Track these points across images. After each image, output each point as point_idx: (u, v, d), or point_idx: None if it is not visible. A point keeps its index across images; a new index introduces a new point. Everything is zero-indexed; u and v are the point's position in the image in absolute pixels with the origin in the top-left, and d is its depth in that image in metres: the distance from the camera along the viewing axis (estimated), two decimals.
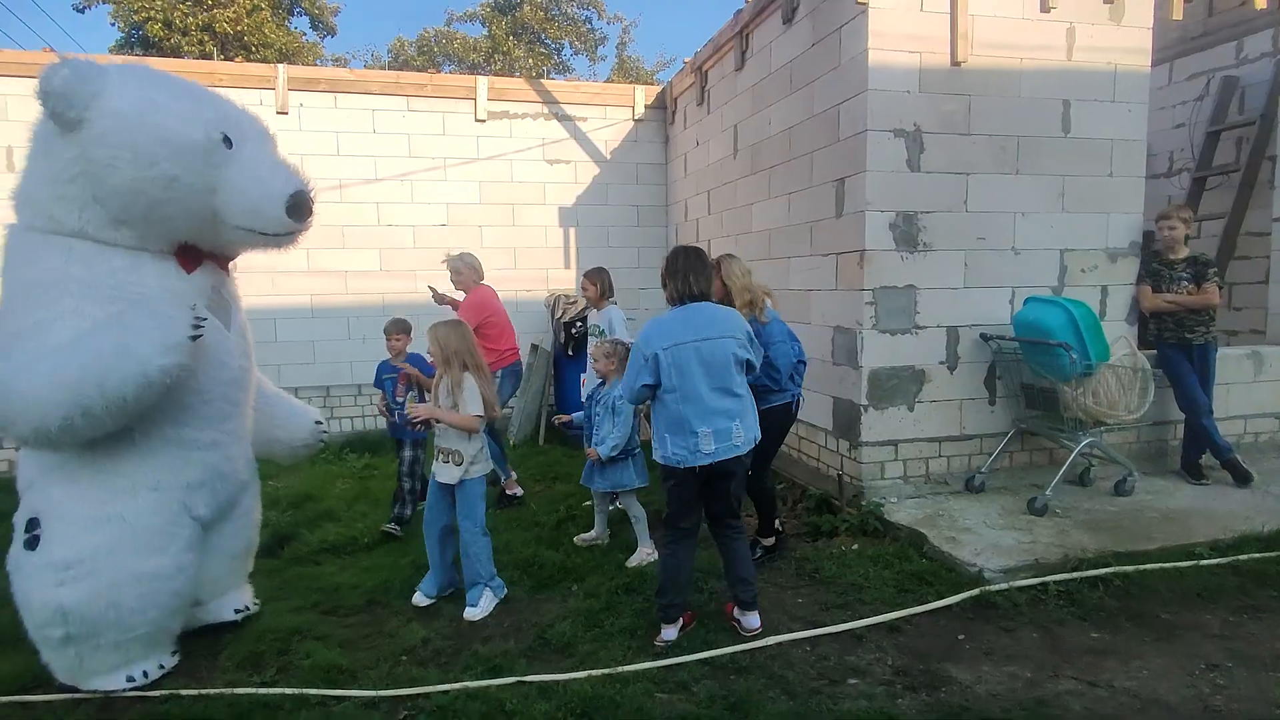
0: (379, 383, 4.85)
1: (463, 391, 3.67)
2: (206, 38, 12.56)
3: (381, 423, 5.84)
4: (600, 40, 19.45)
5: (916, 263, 4.50)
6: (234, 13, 12.64)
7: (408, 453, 4.83)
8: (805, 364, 3.95)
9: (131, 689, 3.08)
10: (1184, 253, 4.79)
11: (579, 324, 6.83)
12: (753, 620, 3.32)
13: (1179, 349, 4.74)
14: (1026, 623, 3.29)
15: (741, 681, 2.98)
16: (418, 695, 2.99)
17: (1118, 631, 3.21)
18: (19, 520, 3.09)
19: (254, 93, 7.14)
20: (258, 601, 3.80)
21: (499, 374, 5.20)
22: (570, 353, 6.96)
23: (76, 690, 3.07)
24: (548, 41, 18.48)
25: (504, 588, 3.86)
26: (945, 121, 4.46)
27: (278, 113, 7.21)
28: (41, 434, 2.77)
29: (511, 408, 7.25)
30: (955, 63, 4.42)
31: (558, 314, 7.20)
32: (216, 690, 3.08)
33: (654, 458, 3.32)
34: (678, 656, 3.16)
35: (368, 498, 5.66)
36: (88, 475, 3.01)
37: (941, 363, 4.61)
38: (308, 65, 12.57)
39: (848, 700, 2.80)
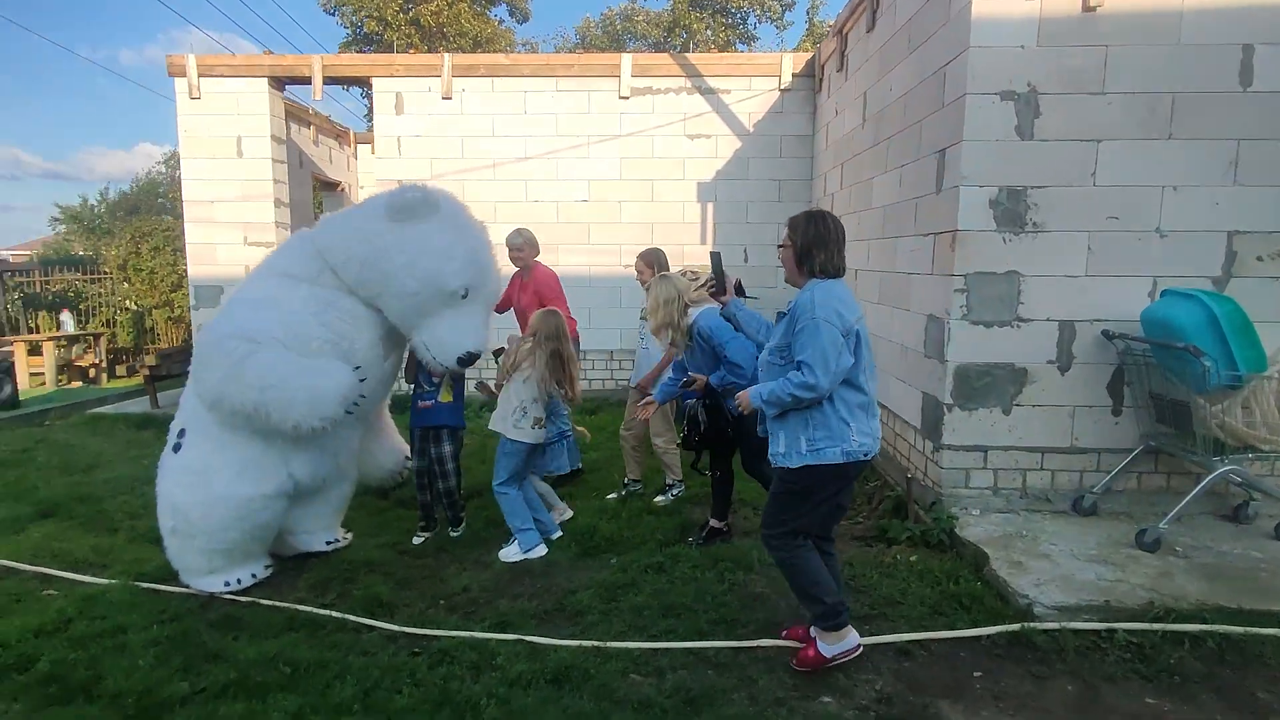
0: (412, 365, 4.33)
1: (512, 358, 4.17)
2: (413, 30, 14.11)
3: None
4: (788, 5, 18.62)
5: (1023, 245, 3.90)
6: (436, 7, 14.04)
7: (448, 447, 4.34)
8: None
9: (227, 592, 3.73)
10: None
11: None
12: (854, 637, 2.91)
13: None
14: (1065, 672, 2.81)
15: (714, 677, 2.89)
16: (430, 636, 3.29)
17: (1187, 701, 2.64)
18: (173, 428, 3.88)
19: (423, 80, 7.91)
20: (348, 536, 4.37)
21: None
22: None
23: (189, 588, 3.78)
24: (732, 11, 18.09)
25: (536, 545, 4.12)
26: (1070, 79, 3.78)
27: (443, 98, 7.92)
28: (214, 401, 3.60)
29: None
30: (1088, 8, 3.71)
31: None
32: (285, 604, 3.61)
33: (807, 459, 2.70)
34: (668, 642, 3.15)
35: (481, 454, 6.17)
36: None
37: (1050, 362, 3.98)
38: (499, 52, 13.59)
39: (807, 717, 2.62)
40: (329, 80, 8.02)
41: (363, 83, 8.12)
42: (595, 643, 3.15)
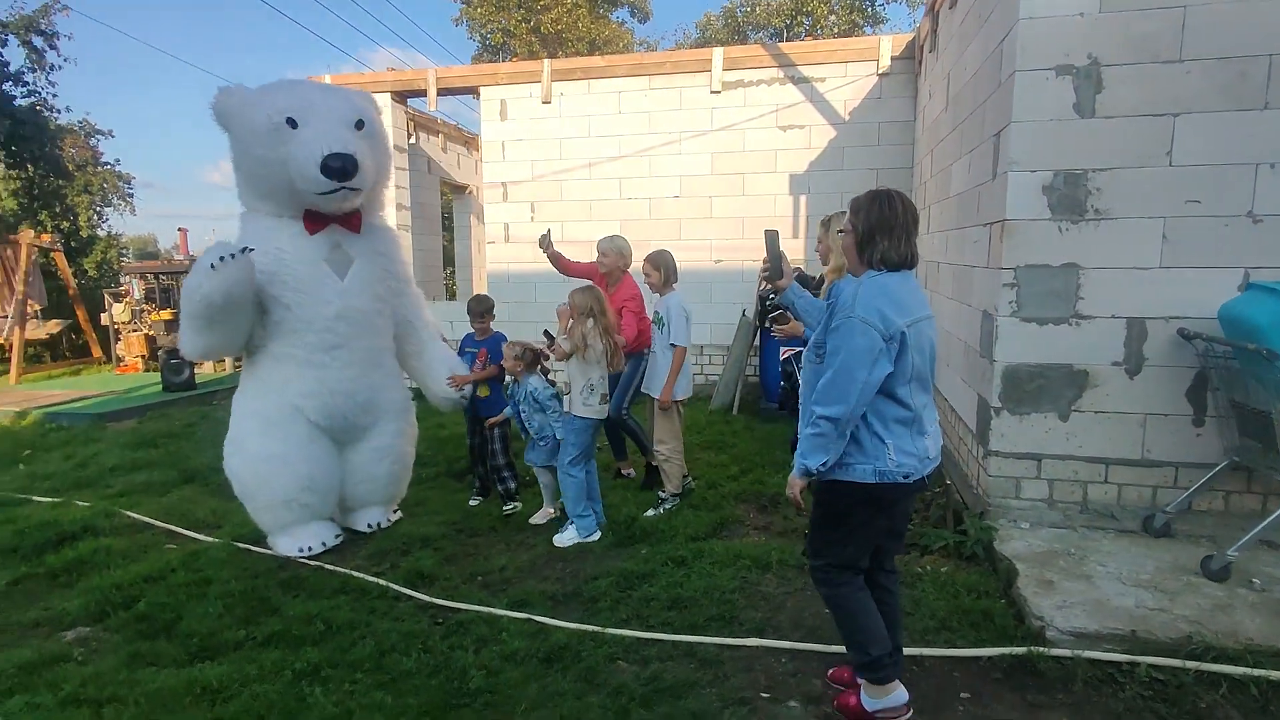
0: (461, 355, 4.92)
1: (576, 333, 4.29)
2: (534, 39, 14.76)
3: None
4: None
5: (1083, 235, 3.53)
6: (556, 14, 14.59)
7: (494, 430, 4.83)
8: None
9: (301, 556, 4.22)
10: None
11: (773, 295, 6.67)
12: (901, 695, 2.54)
13: None
14: (1066, 704, 2.56)
15: (693, 671, 2.92)
16: (453, 609, 3.56)
17: None
18: None
19: (524, 86, 8.32)
20: (391, 518, 4.69)
21: (645, 351, 5.05)
22: (766, 324, 6.85)
23: (272, 550, 4.30)
24: None
25: (593, 532, 4.29)
26: (1140, 47, 3.37)
27: (542, 102, 8.29)
28: (186, 350, 4.00)
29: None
30: None
31: (761, 284, 7.11)
32: (343, 570, 4.03)
33: (834, 474, 2.37)
34: (660, 633, 3.20)
35: None
36: (247, 381, 4.30)
37: (1116, 364, 3.58)
38: (617, 54, 13.88)
39: (766, 719, 2.59)
40: (442, 92, 8.65)
41: (472, 92, 8.68)
42: (595, 628, 3.27)
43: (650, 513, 4.56)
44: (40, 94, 14.83)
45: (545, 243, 5.33)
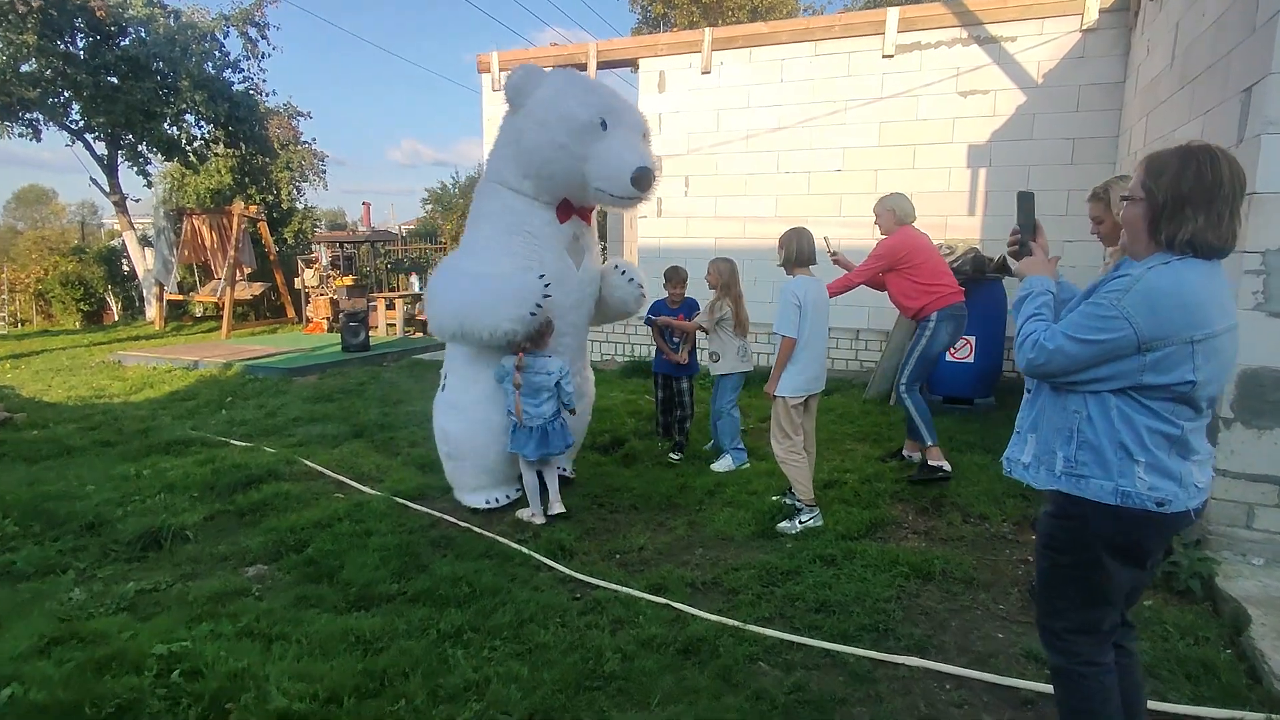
0: (651, 321, 5.52)
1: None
2: (694, 9, 14.45)
3: None
4: None
5: None
6: None
7: (685, 384, 5.51)
8: None
9: (487, 508, 4.43)
10: None
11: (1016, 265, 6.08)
12: None
13: None
14: None
15: (843, 686, 2.68)
16: (591, 585, 3.53)
17: None
18: (442, 372, 4.63)
19: (684, 57, 8.14)
20: (573, 472, 4.96)
21: (933, 316, 4.69)
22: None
23: (460, 502, 4.49)
24: None
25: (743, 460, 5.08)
26: None
27: (702, 73, 8.07)
28: (443, 336, 4.30)
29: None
30: None
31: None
32: (490, 534, 4.12)
33: (1060, 483, 1.87)
34: (807, 638, 2.99)
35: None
36: (473, 351, 4.36)
37: None
38: (779, 19, 13.24)
39: None
40: (602, 65, 8.64)
41: (631, 64, 8.60)
42: (735, 622, 3.10)
43: (785, 525, 4.07)
44: (253, 80, 16.53)
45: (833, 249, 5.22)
